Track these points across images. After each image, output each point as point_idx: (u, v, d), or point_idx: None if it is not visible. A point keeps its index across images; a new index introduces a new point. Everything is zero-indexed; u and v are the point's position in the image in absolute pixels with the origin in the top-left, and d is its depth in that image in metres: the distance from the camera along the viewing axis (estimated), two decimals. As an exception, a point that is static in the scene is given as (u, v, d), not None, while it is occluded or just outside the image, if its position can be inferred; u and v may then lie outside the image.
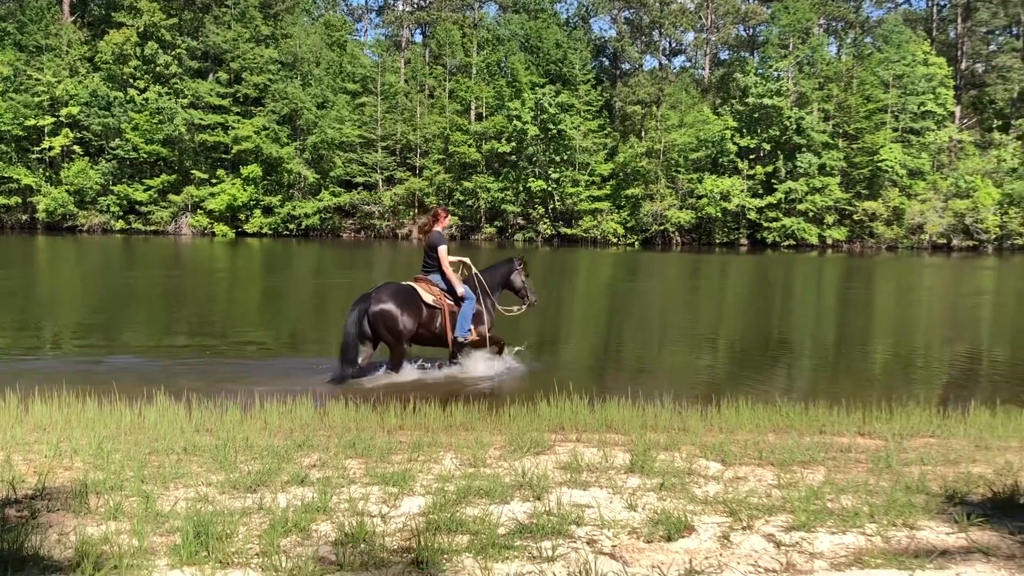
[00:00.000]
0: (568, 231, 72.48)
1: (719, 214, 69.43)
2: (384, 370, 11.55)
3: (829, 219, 69.58)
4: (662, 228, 70.27)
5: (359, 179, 73.67)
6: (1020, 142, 73.34)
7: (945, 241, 68.53)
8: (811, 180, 68.44)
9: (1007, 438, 7.51)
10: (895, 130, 70.23)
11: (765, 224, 69.67)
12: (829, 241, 69.61)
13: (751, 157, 71.15)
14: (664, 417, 8.15)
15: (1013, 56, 78.36)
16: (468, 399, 9.05)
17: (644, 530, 4.26)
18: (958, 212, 67.79)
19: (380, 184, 74.62)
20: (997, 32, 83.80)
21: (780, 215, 69.31)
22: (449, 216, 12.70)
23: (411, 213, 74.96)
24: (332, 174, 72.21)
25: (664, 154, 70.86)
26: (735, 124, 70.85)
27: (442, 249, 11.89)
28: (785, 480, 5.42)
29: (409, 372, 11.63)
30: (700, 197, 69.35)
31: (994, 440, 7.37)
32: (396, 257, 48.67)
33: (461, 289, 11.84)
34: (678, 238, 71.14)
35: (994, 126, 77.70)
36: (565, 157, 72.14)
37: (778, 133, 69.78)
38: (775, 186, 69.33)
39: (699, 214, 69.51)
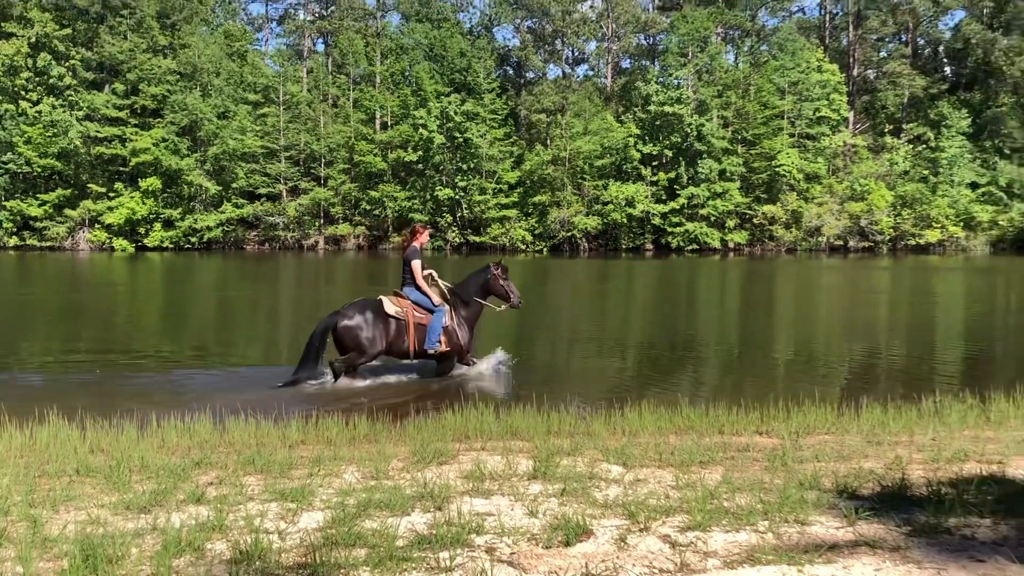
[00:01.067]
0: (477, 239, 72.60)
1: (625, 220, 70.32)
2: (331, 380, 11.79)
3: (730, 223, 71.06)
4: (569, 234, 70.88)
5: (262, 190, 72.71)
6: (911, 146, 76.03)
7: (842, 243, 70.62)
8: (712, 185, 69.84)
9: (898, 433, 7.74)
10: (792, 135, 72.16)
11: (669, 229, 70.81)
12: (731, 245, 71.09)
13: (654, 164, 72.29)
14: (568, 422, 8.19)
15: (902, 62, 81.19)
16: (373, 411, 8.97)
17: (543, 536, 4.27)
18: (854, 214, 69.96)
19: (284, 195, 73.74)
20: (887, 39, 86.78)
21: (683, 220, 70.53)
22: (428, 231, 13.10)
23: (316, 224, 74.17)
24: (234, 185, 71.10)
25: (570, 161, 71.54)
26: (638, 131, 71.91)
27: (415, 263, 12.23)
28: (684, 481, 5.49)
29: (360, 381, 11.79)
30: (606, 203, 70.17)
31: (885, 436, 7.59)
32: (302, 269, 48.04)
33: (437, 299, 12.18)
34: (585, 244, 71.84)
35: (886, 130, 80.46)
36: (472, 165, 72.28)
37: (680, 140, 71.03)
38: (678, 192, 70.56)
39: (605, 220, 70.30)
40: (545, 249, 71.91)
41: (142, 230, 69.67)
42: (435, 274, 12.58)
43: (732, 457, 6.58)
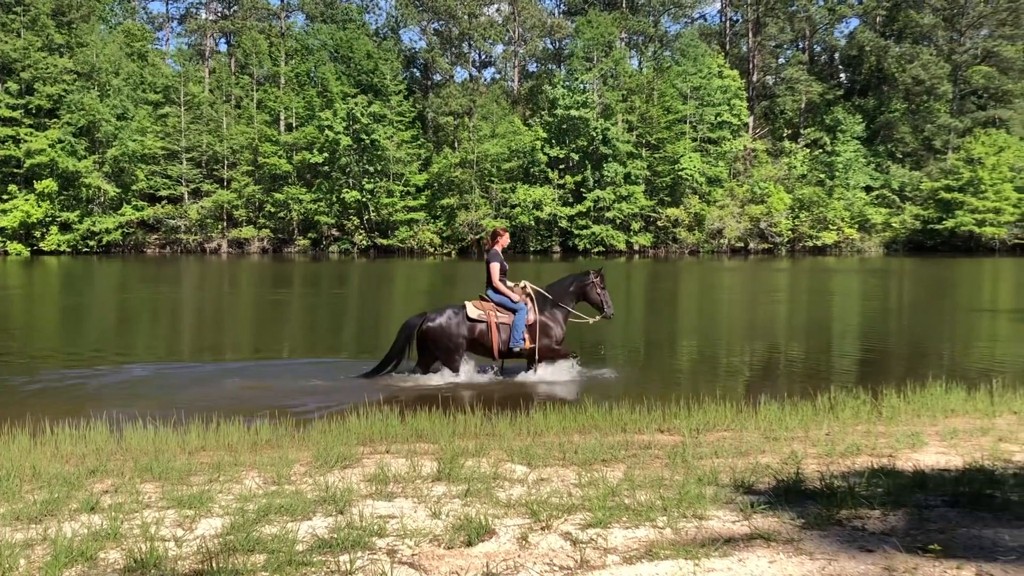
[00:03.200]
0: (384, 242, 72.18)
1: (532, 223, 70.72)
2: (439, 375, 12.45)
3: (635, 226, 72.04)
4: (478, 237, 70.94)
5: (163, 192, 71.14)
6: (808, 150, 78.18)
7: (743, 245, 72.24)
8: (618, 189, 70.72)
9: (794, 429, 7.94)
10: (694, 140, 73.53)
11: (576, 232, 71.46)
12: (636, 247, 72.07)
13: (561, 167, 72.87)
14: (474, 424, 8.21)
15: (800, 69, 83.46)
16: (275, 416, 8.83)
17: (446, 537, 4.27)
18: (754, 217, 71.64)
19: (186, 197, 72.25)
20: (785, 46, 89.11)
21: (590, 223, 71.25)
22: (507, 234, 13.51)
23: (219, 227, 72.79)
24: (134, 187, 69.38)
25: (477, 164, 71.63)
26: (545, 135, 72.39)
27: (493, 266, 12.71)
28: (586, 479, 5.54)
29: (452, 377, 12.30)
30: (514, 206, 70.48)
31: (782, 431, 7.78)
32: (205, 271, 47.10)
33: (516, 298, 12.63)
34: (493, 247, 71.92)
35: (784, 135, 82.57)
36: (379, 168, 71.85)
37: (586, 143, 71.75)
38: (584, 195, 71.25)
39: (513, 223, 70.56)
40: (453, 252, 71.88)
41: (38, 233, 67.41)
42: (512, 284, 12.92)
43: (634, 455, 6.66)
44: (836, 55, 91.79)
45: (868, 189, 75.90)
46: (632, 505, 4.74)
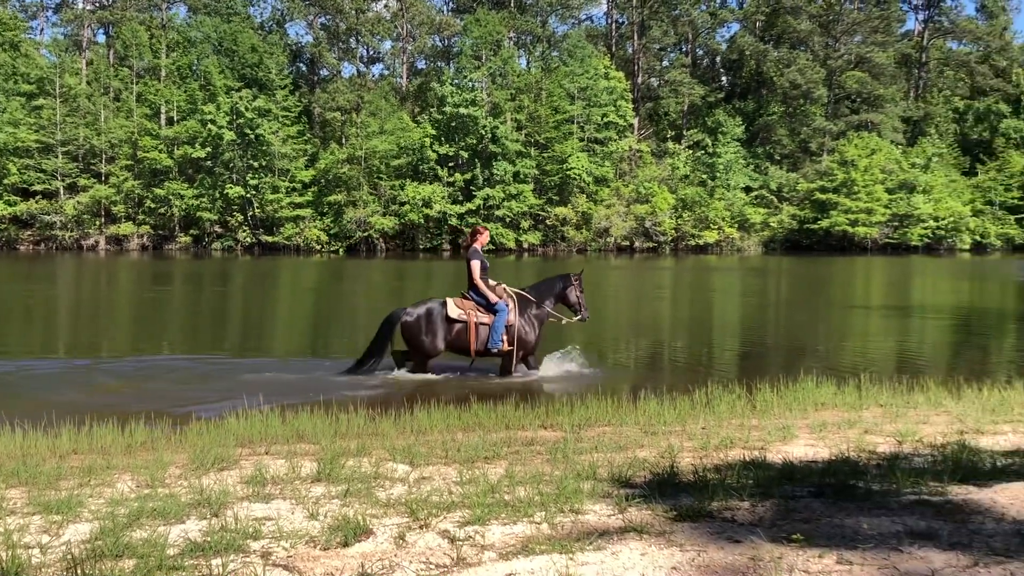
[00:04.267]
0: (269, 239, 70.90)
1: (422, 220, 70.46)
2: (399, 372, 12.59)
3: (525, 224, 72.48)
4: (366, 235, 70.35)
5: (37, 187, 68.40)
6: (691, 151, 79.99)
7: (629, 243, 73.46)
8: (507, 187, 71.02)
9: (672, 423, 8.13)
10: (581, 140, 74.37)
11: (466, 230, 71.37)
12: (525, 245, 72.51)
13: (450, 164, 72.77)
14: (357, 423, 8.15)
15: (683, 72, 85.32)
16: (151, 418, 8.60)
17: (322, 538, 4.23)
18: (639, 216, 72.92)
19: (61, 192, 69.59)
20: (669, 49, 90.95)
21: (480, 221, 71.29)
22: (487, 232, 13.44)
23: (97, 223, 70.41)
24: (6, 181, 66.61)
25: (365, 161, 71.01)
26: (434, 132, 72.18)
27: (474, 264, 12.61)
28: (468, 477, 5.56)
29: (425, 376, 12.38)
30: (403, 204, 70.07)
31: (660, 426, 7.95)
32: (82, 269, 45.51)
33: (494, 298, 12.53)
34: (383, 244, 71.48)
35: (668, 136, 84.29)
36: (264, 163, 70.56)
37: (475, 141, 71.84)
38: (474, 193, 71.33)
39: (402, 220, 70.21)
40: (341, 250, 71.06)
41: (-102, 230, 64.21)
42: (495, 283, 12.92)
43: (516, 451, 6.72)
44: (717, 59, 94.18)
45: (748, 190, 78.10)
46: (511, 501, 4.78)
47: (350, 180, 70.96)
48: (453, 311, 12.41)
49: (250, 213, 71.07)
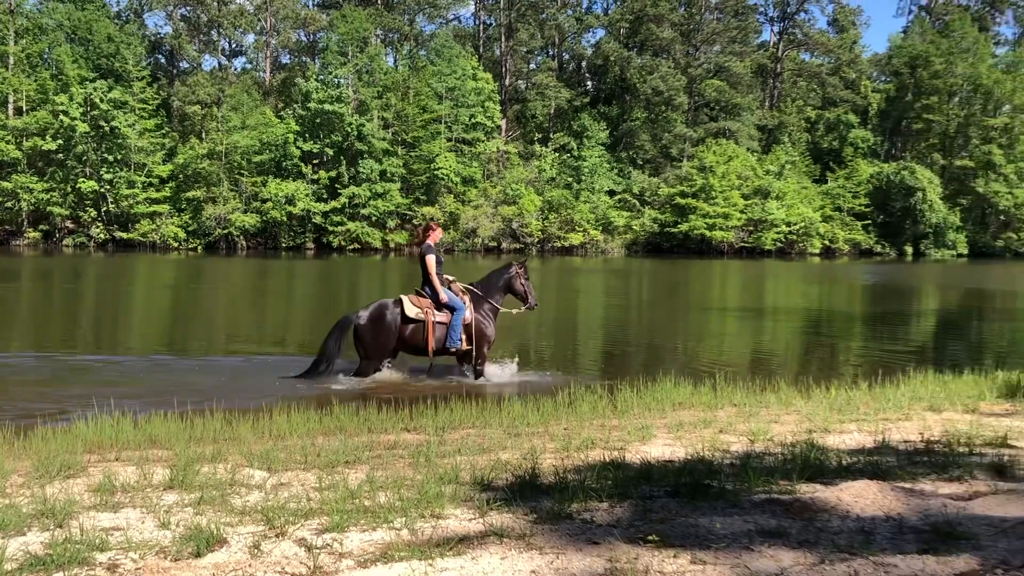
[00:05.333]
0: (125, 235, 68.40)
1: (284, 218, 69.19)
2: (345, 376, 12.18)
3: (391, 223, 72.03)
4: (226, 232, 68.59)
5: None
6: (557, 154, 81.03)
7: (496, 244, 73.86)
8: (373, 186, 70.42)
9: (535, 425, 8.18)
10: (449, 140, 74.38)
11: (331, 228, 70.54)
12: (392, 245, 72.05)
13: (315, 162, 71.71)
14: (213, 428, 7.91)
15: (549, 75, 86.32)
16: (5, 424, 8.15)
17: (173, 548, 4.07)
18: (506, 217, 73.42)
19: None
20: (536, 52, 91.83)
21: (345, 219, 70.51)
22: (440, 229, 13.21)
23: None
24: None
25: (226, 156, 69.26)
26: (298, 128, 70.99)
27: (429, 259, 12.33)
28: (327, 482, 5.46)
29: (378, 379, 12.14)
30: (265, 201, 68.62)
31: (524, 428, 7.99)
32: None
33: (444, 296, 12.27)
34: (243, 242, 69.83)
35: (535, 139, 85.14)
36: (119, 157, 68.01)
37: (340, 139, 70.99)
38: (339, 191, 70.46)
39: (264, 218, 68.79)
40: (200, 247, 69.09)
41: None
42: (451, 278, 12.77)
43: (379, 455, 6.63)
44: (583, 63, 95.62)
45: (611, 193, 79.62)
46: (372, 507, 4.71)
47: (210, 176, 69.09)
48: (410, 310, 12.14)
49: (104, 208, 68.40)
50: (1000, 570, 3.59)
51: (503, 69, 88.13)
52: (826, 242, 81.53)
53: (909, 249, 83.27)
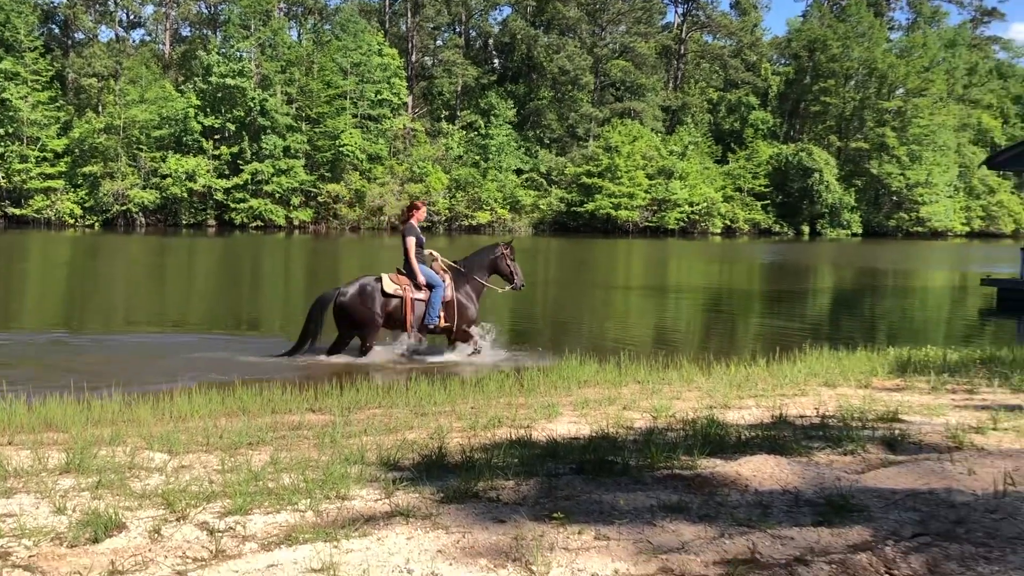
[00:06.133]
0: (17, 211, 66.11)
1: (185, 194, 67.64)
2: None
3: (295, 200, 71.02)
4: (124, 209, 66.73)
5: None
6: (464, 132, 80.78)
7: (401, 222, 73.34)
8: (277, 162, 69.30)
9: (443, 404, 8.17)
10: (355, 116, 73.52)
11: (233, 205, 69.23)
12: (296, 222, 71.08)
13: (216, 137, 70.19)
14: (112, 410, 7.70)
15: (456, 52, 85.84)
16: None
17: (69, 534, 3.96)
18: (413, 195, 72.88)
19: None
20: (443, 29, 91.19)
21: (247, 196, 69.26)
22: (424, 208, 13.28)
23: None
24: None
25: (124, 131, 67.30)
26: (199, 103, 69.35)
27: (409, 240, 12.41)
28: (230, 464, 5.37)
29: (374, 357, 12.16)
30: (165, 177, 66.95)
31: (431, 407, 7.98)
32: None
33: (421, 277, 12.35)
34: (143, 219, 68.09)
35: (442, 116, 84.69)
36: (11, 130, 65.62)
37: (243, 114, 69.61)
38: (242, 167, 69.15)
39: (164, 194, 67.14)
40: (97, 224, 67.11)
41: None
42: (436, 253, 12.93)
43: (283, 436, 6.55)
44: (490, 41, 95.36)
45: (519, 172, 79.80)
46: (276, 489, 4.65)
47: (107, 151, 67.07)
48: (389, 286, 12.23)
49: (-6, 183, 65.93)
50: (891, 541, 3.73)
51: (409, 45, 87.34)
52: (727, 222, 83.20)
53: (806, 229, 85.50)
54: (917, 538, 3.78)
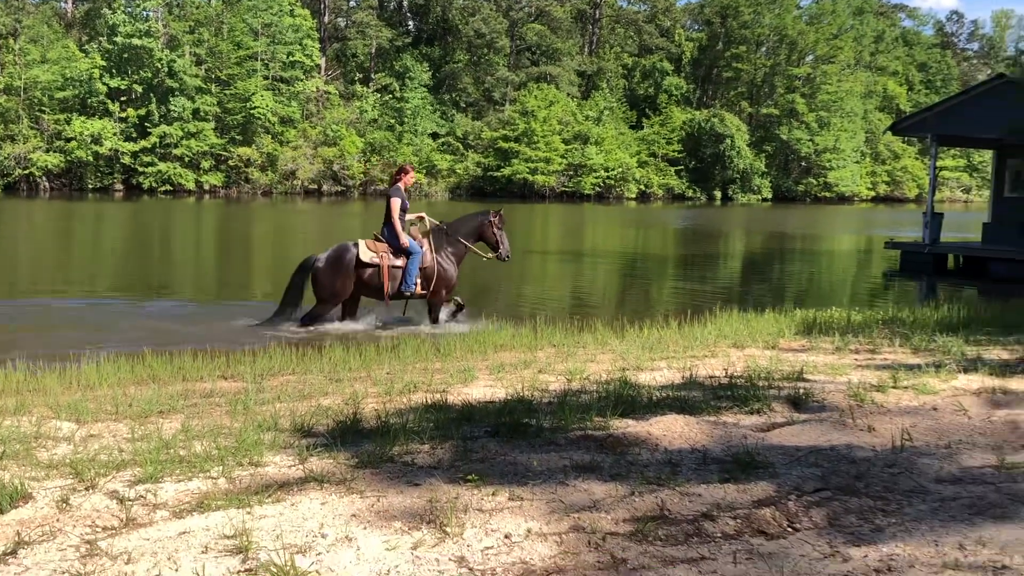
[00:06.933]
0: (-91, 176, 63.31)
1: (91, 158, 65.63)
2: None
3: (205, 164, 69.48)
4: (27, 173, 64.50)
5: None
6: (379, 95, 79.83)
7: (316, 187, 72.42)
8: (186, 125, 67.63)
9: (358, 370, 8.16)
10: (266, 78, 72.04)
11: (141, 169, 67.45)
12: (207, 187, 69.60)
13: (123, 99, 68.12)
14: (16, 379, 7.54)
15: (370, 13, 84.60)
16: None
17: (-28, 507, 3.88)
18: (327, 159, 72.03)
19: None
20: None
21: (156, 160, 67.52)
22: (413, 171, 13.21)
23: None
24: None
25: (26, 92, 64.94)
26: (104, 63, 67.17)
27: (394, 201, 12.24)
28: (140, 433, 5.30)
29: (330, 327, 12.07)
30: (69, 140, 64.81)
31: (346, 373, 7.96)
32: None
33: (404, 239, 12.13)
34: (46, 184, 65.90)
35: (356, 79, 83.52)
36: (-100, 90, 62.66)
37: (150, 75, 67.70)
38: (149, 130, 67.31)
39: (69, 158, 65.04)
40: (-3, 188, 64.86)
41: None
42: (423, 215, 12.86)
43: (194, 404, 6.48)
44: (404, 3, 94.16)
45: (435, 136, 79.27)
46: (187, 457, 4.60)
47: (7, 113, 64.64)
48: (365, 254, 12.03)
49: None
50: (793, 496, 3.86)
51: (322, 6, 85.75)
52: (642, 187, 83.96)
53: (718, 194, 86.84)
54: (819, 493, 3.92)
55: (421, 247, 12.43)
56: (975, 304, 14.35)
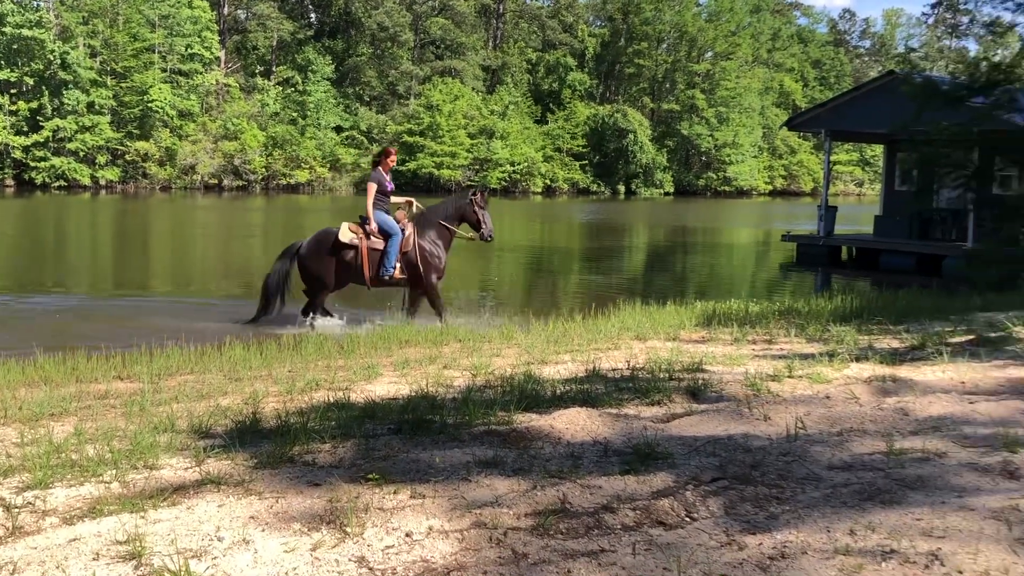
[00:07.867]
0: None
1: (-21, 153, 63.17)
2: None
3: (101, 159, 67.47)
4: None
5: None
6: (281, 88, 78.60)
7: (216, 182, 71.02)
8: (81, 119, 65.58)
9: (258, 368, 8.02)
10: (164, 71, 70.24)
11: (33, 164, 65.18)
12: (103, 182, 67.65)
13: (13, 92, 65.70)
14: None
15: (271, 5, 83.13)
16: None
17: None
18: (227, 153, 70.67)
19: None
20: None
21: (49, 155, 65.33)
22: (394, 155, 13.07)
23: None
24: None
25: (-95, 83, 62.13)
26: (-8, 55, 64.68)
27: (371, 186, 12.22)
28: (30, 437, 5.12)
29: (331, 320, 12.01)
30: (-46, 133, 62.29)
31: (246, 372, 7.81)
32: None
33: (373, 223, 11.97)
34: (-71, 179, 63.20)
35: (257, 72, 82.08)
36: None
37: (42, 67, 65.42)
38: (42, 124, 65.06)
39: (-46, 153, 62.48)
40: None
41: None
42: (412, 199, 12.95)
43: (88, 406, 6.30)
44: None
45: (339, 130, 78.39)
46: (79, 461, 4.46)
47: None
48: (345, 235, 11.84)
49: None
50: (691, 486, 3.93)
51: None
52: (547, 181, 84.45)
53: (622, 188, 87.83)
54: (716, 482, 4.00)
55: (404, 231, 12.26)
56: (867, 295, 14.82)
